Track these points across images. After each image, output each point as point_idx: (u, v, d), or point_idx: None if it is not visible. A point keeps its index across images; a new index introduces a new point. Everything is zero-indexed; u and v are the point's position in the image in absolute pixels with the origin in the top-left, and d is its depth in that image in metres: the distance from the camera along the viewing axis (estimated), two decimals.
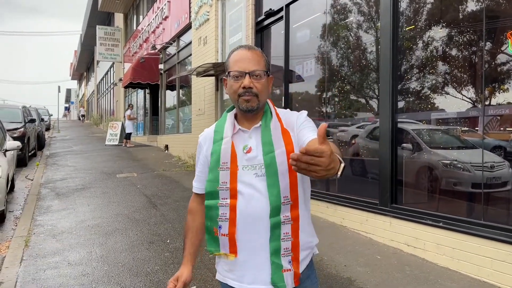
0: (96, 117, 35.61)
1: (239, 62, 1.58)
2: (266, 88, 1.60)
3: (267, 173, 1.52)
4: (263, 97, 1.59)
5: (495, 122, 3.93)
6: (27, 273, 4.11)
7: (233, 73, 1.58)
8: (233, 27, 9.27)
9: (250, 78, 1.56)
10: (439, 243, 4.08)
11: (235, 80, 1.58)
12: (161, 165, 11.07)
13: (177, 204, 6.80)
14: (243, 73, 1.56)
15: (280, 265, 1.53)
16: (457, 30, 4.37)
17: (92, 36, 25.50)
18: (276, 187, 1.51)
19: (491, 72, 4.02)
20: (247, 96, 1.56)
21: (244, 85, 1.55)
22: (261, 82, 1.57)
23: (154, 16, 16.04)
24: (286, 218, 1.53)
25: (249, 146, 1.59)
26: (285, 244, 1.53)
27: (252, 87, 1.55)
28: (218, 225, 1.58)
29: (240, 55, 1.60)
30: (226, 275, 1.65)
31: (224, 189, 1.57)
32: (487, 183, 3.88)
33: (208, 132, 1.72)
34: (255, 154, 1.57)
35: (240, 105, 1.59)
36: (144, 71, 15.47)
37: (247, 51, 1.60)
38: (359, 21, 5.77)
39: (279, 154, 1.52)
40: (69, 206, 6.82)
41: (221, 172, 1.57)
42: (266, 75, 1.60)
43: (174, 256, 4.48)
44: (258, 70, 1.57)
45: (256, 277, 1.57)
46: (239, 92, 1.57)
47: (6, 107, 14.88)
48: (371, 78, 5.50)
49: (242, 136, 1.62)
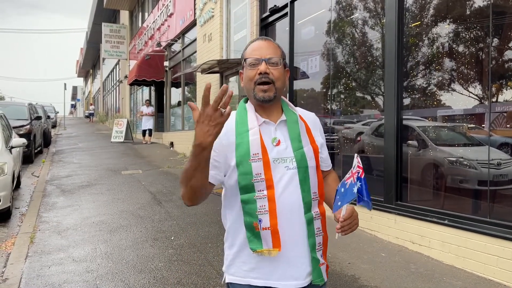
0: (102, 114, 35.75)
1: (255, 51, 1.59)
2: (282, 76, 1.59)
3: (299, 168, 1.54)
4: (279, 85, 1.58)
5: (502, 119, 3.89)
6: (32, 270, 4.13)
7: (250, 60, 1.57)
8: (238, 24, 9.25)
9: (266, 64, 1.55)
10: (444, 241, 4.05)
11: (251, 67, 1.57)
12: (166, 162, 11.09)
13: (181, 201, 6.76)
14: (260, 60, 1.56)
15: (318, 260, 1.56)
16: (463, 26, 4.32)
17: (98, 33, 25.55)
18: (307, 183, 1.54)
19: (498, 68, 3.97)
20: (264, 85, 1.54)
21: (260, 70, 1.54)
22: (277, 69, 1.57)
23: (159, 13, 16.05)
24: (317, 213, 1.57)
25: (277, 139, 1.57)
26: (319, 239, 1.57)
27: (269, 72, 1.55)
28: (258, 219, 1.50)
29: (257, 45, 1.61)
30: (247, 275, 1.56)
31: (259, 180, 1.51)
32: (494, 180, 3.84)
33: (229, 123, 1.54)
34: (284, 147, 1.56)
35: (257, 95, 1.56)
36: (149, 68, 15.47)
37: (264, 41, 1.62)
38: (364, 17, 5.72)
39: (308, 151, 1.56)
40: (74, 203, 6.85)
41: (253, 164, 1.51)
42: (282, 65, 1.60)
43: (178, 253, 4.49)
44: (274, 57, 1.57)
45: (285, 272, 1.52)
46: (256, 79, 1.55)
47: (12, 104, 14.97)
48: (377, 75, 5.45)
49: (267, 128, 1.58)
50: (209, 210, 6.21)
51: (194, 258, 4.33)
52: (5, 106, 12.43)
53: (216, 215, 5.94)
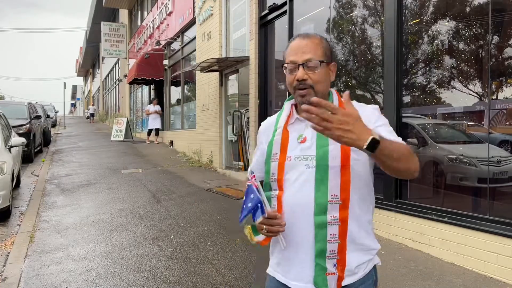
0: (102, 113, 35.72)
1: (292, 53, 1.52)
2: (323, 77, 1.51)
3: (317, 166, 1.45)
4: (320, 88, 1.50)
5: (501, 116, 3.88)
6: (31, 269, 4.13)
7: (288, 66, 1.53)
8: (237, 22, 9.23)
9: (304, 69, 1.48)
10: (444, 238, 4.04)
11: (290, 72, 1.52)
12: (166, 161, 11.08)
13: (181, 200, 6.80)
14: (296, 65, 1.50)
15: (325, 268, 1.46)
16: (462, 24, 4.31)
17: (97, 32, 25.50)
18: (324, 183, 1.44)
19: (497, 66, 3.96)
20: (302, 91, 1.49)
21: (297, 77, 1.48)
22: (316, 73, 1.49)
23: (158, 11, 16.02)
24: (334, 218, 1.44)
25: (304, 136, 1.52)
26: (331, 246, 1.44)
27: (306, 78, 1.48)
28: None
29: (295, 45, 1.53)
30: (275, 269, 1.60)
31: (273, 180, 1.54)
32: (494, 177, 3.83)
33: (270, 122, 1.67)
34: (309, 144, 1.50)
35: (296, 100, 1.55)
36: (148, 67, 15.44)
37: (302, 40, 1.53)
38: (364, 15, 5.71)
39: (333, 149, 1.44)
40: (74, 202, 6.84)
41: (272, 164, 1.55)
42: (324, 63, 1.51)
43: (178, 251, 4.48)
44: (312, 60, 1.48)
45: (299, 274, 1.51)
46: (294, 85, 1.51)
47: (12, 103, 14.95)
48: (376, 72, 5.44)
49: (299, 125, 1.55)
50: (208, 209, 6.21)
51: (194, 256, 4.32)
52: (5, 106, 12.43)
53: (216, 213, 5.94)
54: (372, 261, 1.56)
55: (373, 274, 1.57)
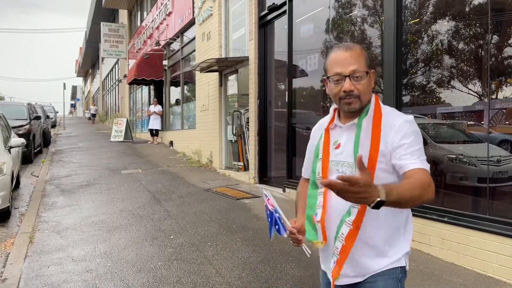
0: (101, 114, 35.71)
1: (337, 65, 1.55)
2: (368, 87, 1.57)
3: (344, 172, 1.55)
4: (365, 97, 1.57)
5: (501, 116, 3.87)
6: (31, 269, 4.12)
7: (333, 78, 1.56)
8: (237, 22, 9.23)
9: (350, 80, 1.52)
10: (444, 238, 4.04)
11: (335, 84, 1.56)
12: (166, 161, 11.08)
13: (181, 200, 6.80)
14: (343, 76, 1.53)
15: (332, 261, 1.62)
16: (462, 23, 4.31)
17: (96, 32, 25.50)
18: None
19: (497, 65, 3.96)
20: (348, 99, 1.54)
21: (345, 89, 1.53)
22: (362, 83, 1.54)
23: (158, 12, 16.01)
24: (350, 221, 1.54)
25: (338, 142, 1.61)
26: (337, 244, 1.57)
27: (353, 89, 1.53)
28: (315, 212, 1.63)
29: (338, 57, 1.57)
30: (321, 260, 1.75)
31: (319, 179, 1.64)
32: (493, 177, 3.83)
33: (321, 124, 1.77)
34: (342, 150, 1.59)
35: (342, 107, 1.59)
36: (148, 67, 15.44)
37: (345, 52, 1.56)
38: (363, 15, 5.71)
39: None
40: (74, 203, 6.84)
41: (318, 164, 1.66)
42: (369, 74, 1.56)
43: (178, 252, 4.48)
44: (358, 71, 1.53)
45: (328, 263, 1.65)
46: (340, 96, 1.56)
47: (12, 104, 14.95)
48: (376, 72, 5.44)
49: (337, 131, 1.65)
50: (208, 209, 6.21)
51: (194, 257, 4.32)
52: (4, 106, 12.42)
53: (215, 214, 5.93)
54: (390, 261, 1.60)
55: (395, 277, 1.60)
